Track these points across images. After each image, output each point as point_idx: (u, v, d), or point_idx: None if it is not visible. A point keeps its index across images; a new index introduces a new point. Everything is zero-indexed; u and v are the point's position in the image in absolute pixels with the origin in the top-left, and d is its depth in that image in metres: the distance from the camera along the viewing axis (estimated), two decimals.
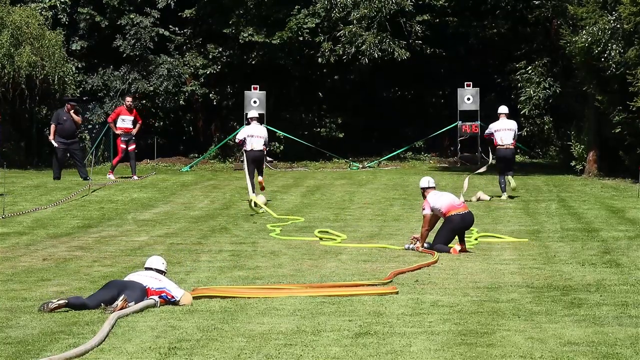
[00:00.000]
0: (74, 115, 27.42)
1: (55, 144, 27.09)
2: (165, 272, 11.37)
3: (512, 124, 23.68)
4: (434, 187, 16.26)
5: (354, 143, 36.70)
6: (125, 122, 28.08)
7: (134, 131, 28.20)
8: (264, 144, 22.59)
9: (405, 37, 33.56)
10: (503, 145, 23.32)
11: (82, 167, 27.43)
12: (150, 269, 11.29)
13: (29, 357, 8.57)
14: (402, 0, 32.07)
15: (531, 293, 11.67)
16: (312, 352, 8.74)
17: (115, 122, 28.15)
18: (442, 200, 15.97)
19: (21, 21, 31.25)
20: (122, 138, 28.07)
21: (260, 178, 22.63)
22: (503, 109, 23.87)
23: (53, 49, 31.74)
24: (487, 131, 23.96)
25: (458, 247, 15.39)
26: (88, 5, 35.34)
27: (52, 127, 27.26)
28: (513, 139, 23.47)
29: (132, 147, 28.21)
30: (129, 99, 28.75)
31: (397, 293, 11.57)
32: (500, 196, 23.19)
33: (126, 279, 11.17)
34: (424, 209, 15.94)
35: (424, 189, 16.17)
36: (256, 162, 22.49)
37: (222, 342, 9.12)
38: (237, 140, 23.66)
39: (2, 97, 31.22)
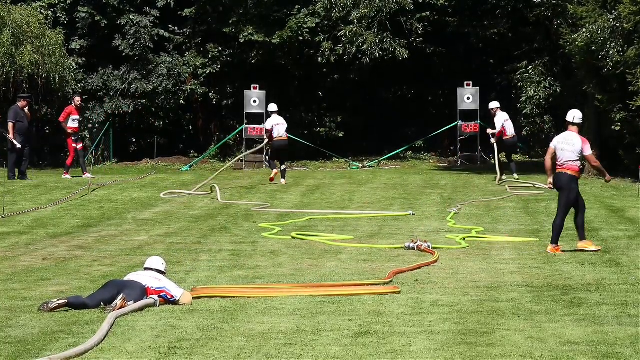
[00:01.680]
0: (27, 112, 27.09)
1: (17, 145, 26.24)
2: (164, 273, 11.36)
3: (507, 115, 27.32)
4: (574, 124, 15.32)
5: (353, 142, 36.71)
6: (74, 122, 27.85)
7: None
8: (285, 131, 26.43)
9: (406, 36, 33.56)
10: (510, 135, 26.98)
11: (22, 167, 26.93)
12: (150, 269, 11.28)
13: (28, 356, 8.58)
14: None
15: (531, 292, 11.67)
16: (312, 352, 8.74)
17: (66, 122, 27.74)
18: (564, 151, 15.18)
19: (22, 20, 31.26)
20: (73, 137, 27.86)
21: (282, 181, 26.16)
22: (497, 104, 27.17)
23: (53, 47, 31.74)
24: (498, 126, 26.84)
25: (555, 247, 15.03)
26: (88, 4, 35.33)
27: (11, 125, 26.42)
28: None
29: (80, 145, 28.17)
30: (78, 99, 28.46)
31: (399, 292, 11.57)
32: (514, 176, 26.82)
33: (126, 278, 11.17)
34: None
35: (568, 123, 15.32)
36: (281, 150, 26.42)
37: (222, 342, 9.12)
38: (265, 130, 27.17)
39: (2, 97, 31.17)
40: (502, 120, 26.80)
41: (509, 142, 27.08)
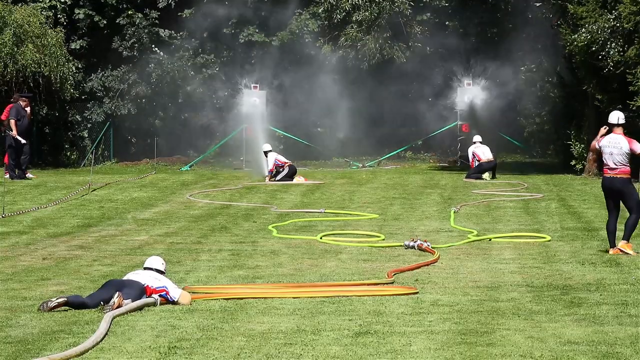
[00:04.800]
0: (29, 111, 26.97)
1: (22, 141, 26.29)
2: (164, 272, 11.36)
3: (478, 142, 28.85)
4: (619, 125, 15.04)
5: (354, 142, 36.69)
6: None
7: None
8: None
9: (405, 39, 33.56)
10: (485, 160, 28.15)
11: (22, 166, 26.85)
12: (150, 269, 11.28)
13: (29, 356, 8.58)
14: (401, 3, 32.05)
15: (531, 292, 11.67)
16: (312, 352, 8.74)
17: None
18: (613, 155, 14.79)
19: (23, 20, 31.27)
20: None
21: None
22: (478, 138, 28.82)
23: (54, 47, 31.74)
24: (470, 157, 28.62)
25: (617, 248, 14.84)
26: (87, 5, 35.30)
27: (13, 122, 26.45)
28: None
29: None
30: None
31: (417, 293, 11.53)
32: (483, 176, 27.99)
33: (125, 278, 11.17)
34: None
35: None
36: (294, 173, 27.28)
37: (222, 342, 9.12)
38: (271, 170, 27.34)
39: (4, 96, 31.15)
40: (471, 151, 28.48)
41: (484, 165, 28.17)
